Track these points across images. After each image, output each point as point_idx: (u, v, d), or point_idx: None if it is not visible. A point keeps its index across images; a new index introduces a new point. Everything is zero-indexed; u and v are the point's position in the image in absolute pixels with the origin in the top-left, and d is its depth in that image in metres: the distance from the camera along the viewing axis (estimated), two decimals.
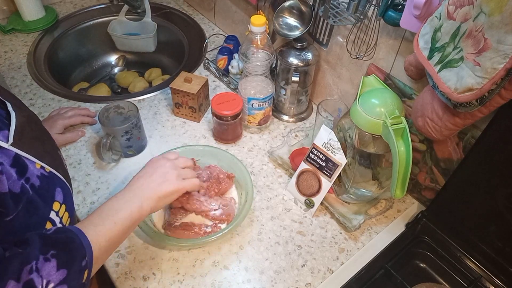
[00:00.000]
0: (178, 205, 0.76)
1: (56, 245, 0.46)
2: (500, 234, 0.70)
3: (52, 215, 0.50)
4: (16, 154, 0.46)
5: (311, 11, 0.86)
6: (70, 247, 0.48)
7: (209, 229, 0.75)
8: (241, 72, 1.02)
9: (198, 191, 0.78)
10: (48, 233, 0.48)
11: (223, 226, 0.77)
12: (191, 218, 0.77)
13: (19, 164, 0.46)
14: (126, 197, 0.61)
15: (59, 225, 0.52)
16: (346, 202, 0.83)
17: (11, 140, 0.47)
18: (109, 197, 0.82)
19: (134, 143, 0.89)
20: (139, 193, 0.62)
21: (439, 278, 0.76)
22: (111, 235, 0.55)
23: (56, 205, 0.51)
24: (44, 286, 0.43)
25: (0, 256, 0.41)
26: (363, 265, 0.74)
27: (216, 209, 0.78)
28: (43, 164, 0.50)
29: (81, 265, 0.48)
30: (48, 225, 0.50)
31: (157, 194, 0.63)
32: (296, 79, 0.94)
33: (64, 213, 0.53)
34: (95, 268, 0.52)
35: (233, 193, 0.84)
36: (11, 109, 0.50)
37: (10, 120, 0.49)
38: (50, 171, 0.51)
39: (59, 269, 0.44)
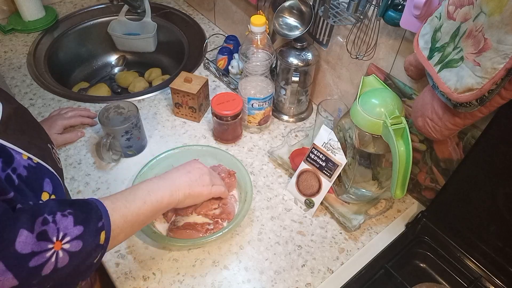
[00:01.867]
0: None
1: (72, 205, 0.48)
2: (500, 234, 0.70)
3: None
4: (1, 144, 0.46)
5: (311, 11, 0.86)
6: (86, 208, 0.50)
7: (211, 227, 0.76)
8: (241, 72, 1.02)
9: None
10: (63, 198, 0.51)
11: (225, 223, 0.77)
12: (194, 218, 0.77)
13: (4, 154, 0.46)
14: (160, 183, 0.64)
15: None
16: (346, 202, 0.83)
17: None
18: None
19: (134, 143, 0.89)
20: (172, 183, 0.65)
21: (439, 278, 0.76)
22: (139, 212, 0.58)
23: (45, 195, 0.50)
24: (60, 238, 0.44)
25: (6, 209, 0.42)
26: (363, 265, 0.74)
27: (216, 208, 0.78)
28: (30, 155, 0.50)
29: (97, 226, 0.49)
30: None
31: (188, 190, 0.66)
32: (296, 79, 0.94)
33: None
34: (116, 237, 0.54)
35: (234, 191, 0.84)
36: None
37: None
38: (38, 162, 0.51)
39: (76, 225, 0.46)
